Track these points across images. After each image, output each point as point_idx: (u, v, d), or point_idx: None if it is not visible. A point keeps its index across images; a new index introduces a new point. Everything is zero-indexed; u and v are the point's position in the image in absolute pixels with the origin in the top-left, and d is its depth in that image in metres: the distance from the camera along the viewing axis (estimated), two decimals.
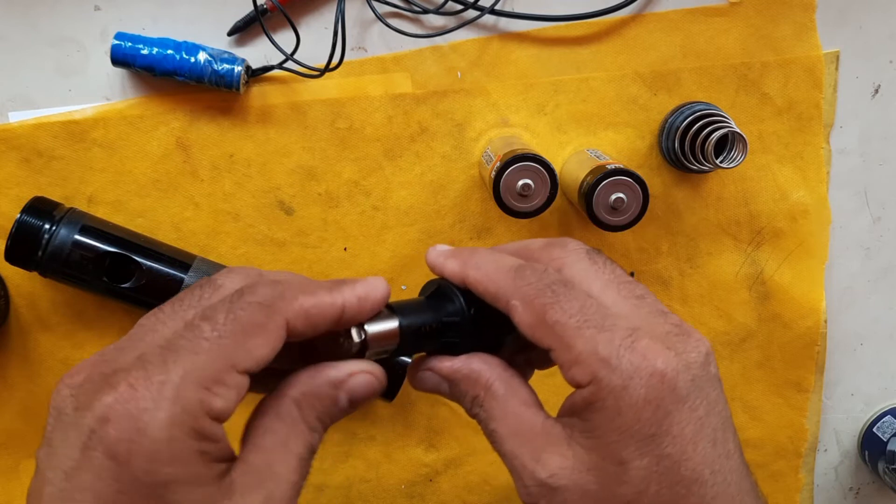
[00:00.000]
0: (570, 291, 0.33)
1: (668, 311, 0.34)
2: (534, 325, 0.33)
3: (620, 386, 0.31)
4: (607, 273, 0.35)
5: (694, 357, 0.32)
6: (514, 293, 0.34)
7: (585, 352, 0.32)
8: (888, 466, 0.64)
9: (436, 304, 0.36)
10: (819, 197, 0.61)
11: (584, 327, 0.32)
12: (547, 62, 0.59)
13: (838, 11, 0.59)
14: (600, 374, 0.31)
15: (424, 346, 0.36)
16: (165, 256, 0.55)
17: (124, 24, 0.57)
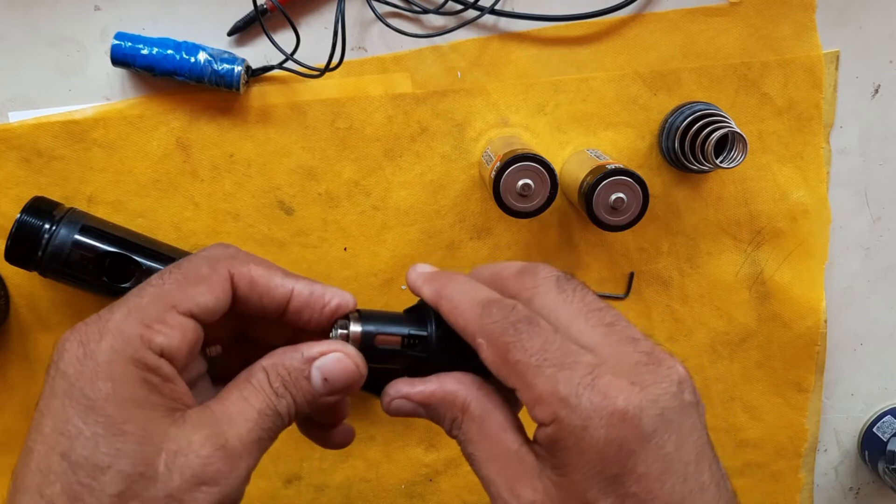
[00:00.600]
0: (533, 328, 0.33)
1: (639, 338, 0.33)
2: (498, 364, 0.33)
3: (580, 426, 0.30)
4: (576, 302, 0.34)
5: (664, 388, 0.31)
6: (479, 330, 0.34)
7: (546, 391, 0.31)
8: (888, 466, 0.64)
9: (410, 317, 0.37)
10: (819, 197, 0.61)
11: (545, 366, 0.32)
12: (547, 62, 0.59)
13: (838, 11, 0.59)
14: (560, 413, 0.31)
15: (390, 357, 0.36)
16: (165, 256, 0.55)
17: (124, 24, 0.57)
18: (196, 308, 0.33)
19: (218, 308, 0.34)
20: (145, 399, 0.31)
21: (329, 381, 0.34)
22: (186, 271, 0.34)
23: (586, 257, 0.62)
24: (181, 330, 0.32)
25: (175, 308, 0.32)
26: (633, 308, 0.62)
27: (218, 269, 0.34)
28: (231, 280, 0.34)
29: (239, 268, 0.34)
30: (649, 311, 0.62)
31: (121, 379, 0.31)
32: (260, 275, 0.35)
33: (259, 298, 0.35)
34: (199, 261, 0.34)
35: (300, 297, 0.35)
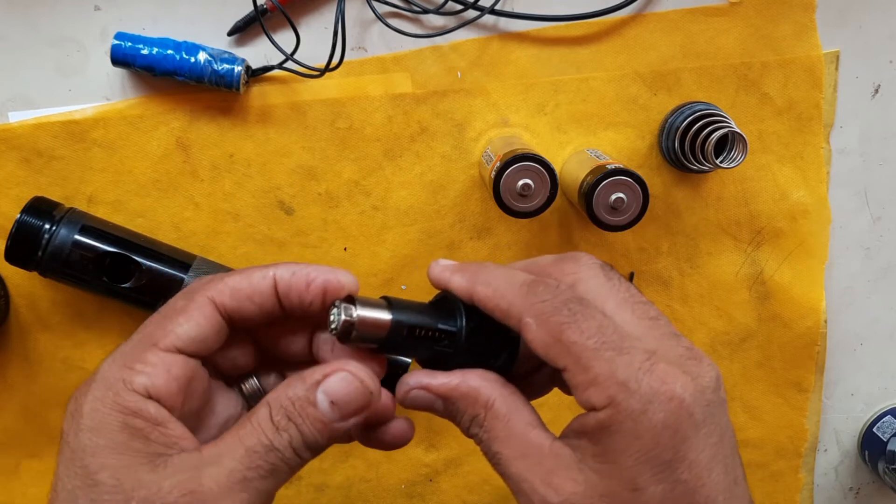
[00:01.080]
0: (587, 310, 0.32)
1: (680, 335, 0.34)
2: (549, 344, 0.32)
3: (639, 410, 0.30)
4: (622, 292, 0.34)
5: (707, 382, 0.32)
6: (527, 310, 0.33)
7: (603, 374, 0.31)
8: (888, 466, 0.64)
9: (436, 310, 0.35)
10: (819, 197, 0.61)
11: (603, 349, 0.31)
12: (547, 62, 0.59)
13: (838, 11, 0.59)
14: (619, 397, 0.31)
15: (415, 348, 0.35)
16: (165, 256, 0.55)
17: (124, 24, 0.57)
18: (178, 341, 0.32)
19: (202, 335, 0.33)
20: (125, 445, 0.31)
21: (337, 404, 0.32)
22: (165, 309, 0.33)
23: None
24: (164, 367, 0.32)
25: (156, 346, 0.32)
26: None
27: (194, 297, 0.33)
28: (213, 304, 0.33)
29: (215, 287, 0.33)
30: None
31: (100, 427, 0.31)
32: (236, 281, 0.34)
33: (249, 303, 0.34)
34: (176, 297, 0.34)
35: (283, 281, 0.34)
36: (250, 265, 0.59)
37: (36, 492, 0.62)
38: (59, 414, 0.61)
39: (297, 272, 0.34)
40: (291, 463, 0.32)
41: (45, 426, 0.61)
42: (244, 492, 0.30)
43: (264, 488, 0.31)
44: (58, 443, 0.64)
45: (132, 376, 0.31)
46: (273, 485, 0.31)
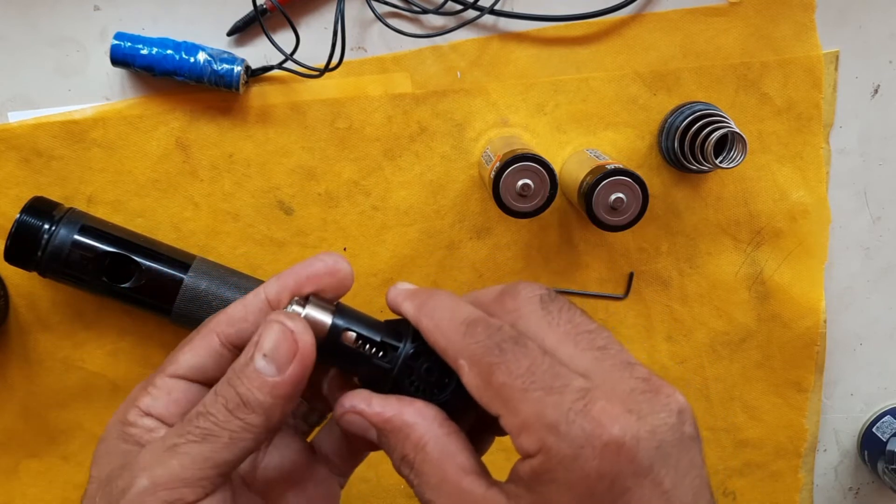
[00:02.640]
0: (520, 349, 0.30)
1: (634, 363, 0.30)
2: (480, 388, 0.30)
3: (570, 456, 0.27)
4: (563, 324, 0.31)
5: (662, 418, 0.28)
6: (461, 351, 0.31)
7: (532, 416, 0.28)
8: (888, 466, 0.64)
9: (388, 327, 0.34)
10: (819, 197, 0.61)
11: (531, 389, 0.28)
12: (547, 62, 0.59)
13: (838, 11, 0.59)
14: (548, 441, 0.28)
15: (353, 359, 0.33)
16: (165, 256, 0.55)
17: (124, 24, 0.57)
18: (180, 369, 0.34)
19: (199, 363, 0.34)
20: (116, 447, 0.33)
21: (269, 356, 0.31)
22: (182, 342, 0.35)
23: (586, 257, 0.61)
24: (166, 389, 0.34)
25: (163, 372, 0.34)
26: (633, 308, 0.62)
27: (201, 331, 0.35)
28: (214, 333, 0.34)
29: (218, 318, 0.35)
30: (649, 311, 0.62)
31: (106, 437, 0.34)
32: (234, 308, 0.34)
33: (246, 324, 0.34)
34: (193, 332, 0.36)
35: (272, 295, 0.34)
36: (250, 265, 0.60)
37: (35, 492, 0.62)
38: (58, 414, 0.61)
39: (281, 282, 0.34)
40: (230, 426, 0.31)
41: (44, 426, 0.61)
42: (173, 458, 0.31)
43: (197, 453, 0.31)
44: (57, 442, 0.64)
45: (142, 396, 0.34)
46: (210, 450, 0.31)
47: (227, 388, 0.32)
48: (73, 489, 0.62)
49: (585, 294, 0.62)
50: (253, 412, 0.31)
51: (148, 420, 0.33)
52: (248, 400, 0.31)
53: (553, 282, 0.62)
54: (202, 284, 0.55)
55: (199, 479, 0.31)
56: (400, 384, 0.33)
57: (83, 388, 0.60)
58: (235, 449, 0.31)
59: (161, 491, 0.30)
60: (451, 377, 0.33)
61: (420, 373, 0.33)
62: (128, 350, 0.60)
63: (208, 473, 0.31)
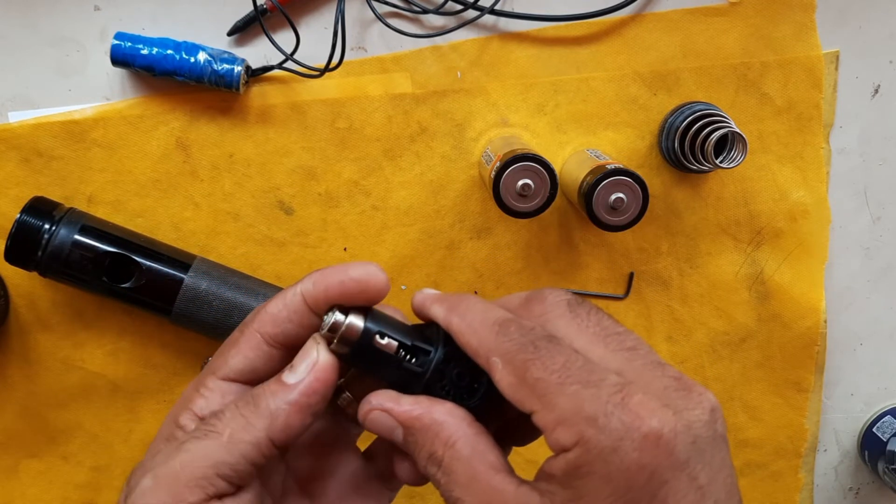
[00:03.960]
0: (555, 346, 0.30)
1: (665, 363, 0.30)
2: (515, 385, 0.30)
3: (609, 448, 0.27)
4: (592, 325, 0.31)
5: (696, 415, 0.28)
6: (494, 349, 0.31)
7: (569, 410, 0.28)
8: (888, 466, 0.64)
9: (416, 329, 0.34)
10: (819, 197, 0.61)
11: (568, 383, 0.29)
12: (547, 62, 0.59)
13: (838, 11, 0.59)
14: (587, 434, 0.28)
15: (385, 363, 0.33)
16: (165, 256, 0.55)
17: (124, 24, 0.57)
18: (230, 371, 0.34)
19: (250, 365, 0.34)
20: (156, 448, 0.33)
21: (294, 367, 0.32)
22: (227, 340, 0.35)
23: (586, 257, 0.62)
24: (220, 392, 0.34)
25: (215, 374, 0.34)
26: (633, 308, 0.62)
27: (245, 331, 0.34)
28: (259, 334, 0.34)
29: (260, 319, 0.34)
30: (649, 311, 0.62)
31: (157, 436, 0.34)
32: (274, 306, 0.34)
33: (289, 324, 0.34)
34: (235, 330, 0.35)
35: (308, 293, 0.33)
36: (250, 265, 0.60)
37: (35, 492, 0.62)
38: (58, 414, 0.61)
39: (316, 281, 0.33)
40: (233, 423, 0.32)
41: (44, 426, 0.61)
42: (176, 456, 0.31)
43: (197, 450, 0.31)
44: (57, 442, 0.64)
45: (196, 398, 0.34)
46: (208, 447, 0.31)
47: (250, 391, 0.33)
48: (73, 489, 0.62)
49: (585, 294, 0.62)
50: (258, 413, 0.31)
51: (192, 420, 0.34)
52: (259, 401, 0.32)
53: (553, 282, 0.62)
54: (202, 284, 0.55)
55: (198, 479, 0.30)
56: (431, 388, 0.33)
57: (83, 388, 0.60)
58: (233, 450, 0.31)
59: (161, 491, 0.30)
60: (481, 383, 0.33)
61: (451, 377, 0.33)
62: (128, 350, 0.60)
63: (206, 473, 0.30)
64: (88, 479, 0.62)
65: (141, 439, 0.62)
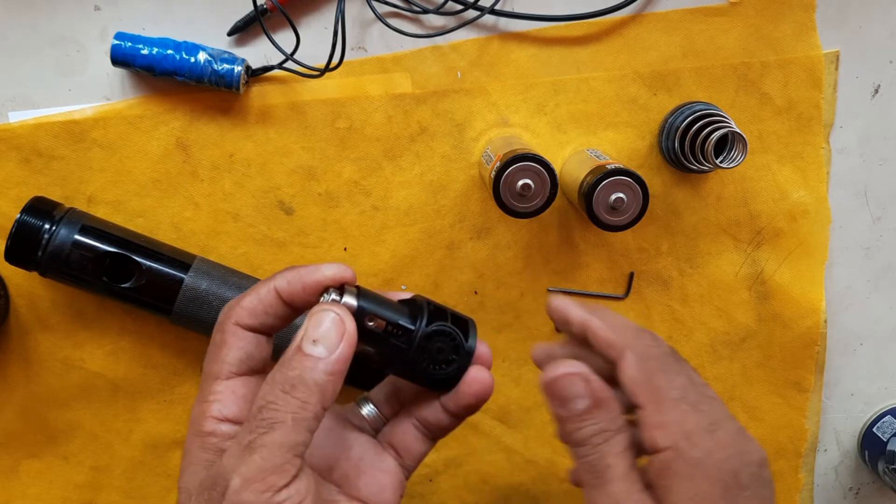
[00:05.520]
0: (680, 366, 0.39)
1: (732, 416, 0.39)
2: (638, 381, 0.38)
3: (697, 459, 0.36)
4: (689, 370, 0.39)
5: (754, 458, 0.37)
6: (632, 346, 0.38)
7: (674, 422, 0.36)
8: (888, 466, 0.64)
9: (403, 308, 0.38)
10: (819, 197, 0.61)
11: (682, 401, 0.37)
12: (547, 62, 0.59)
13: (838, 11, 0.59)
14: (681, 444, 0.36)
15: (374, 338, 0.37)
16: (165, 256, 0.55)
17: (124, 23, 0.57)
18: (231, 367, 0.37)
19: (246, 354, 0.37)
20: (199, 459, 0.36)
21: (320, 340, 0.35)
22: (211, 348, 0.38)
23: (586, 257, 0.62)
24: (230, 391, 0.37)
25: (218, 378, 0.37)
26: (633, 308, 0.62)
27: (224, 328, 0.38)
28: (240, 326, 0.37)
29: (236, 313, 0.38)
30: (649, 311, 0.62)
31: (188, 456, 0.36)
32: (249, 301, 0.38)
33: (266, 316, 0.38)
34: (213, 334, 0.38)
35: (283, 290, 0.37)
36: (250, 265, 0.60)
37: (35, 492, 0.62)
38: (58, 414, 0.61)
39: (291, 280, 0.37)
40: (290, 407, 0.34)
41: (44, 426, 0.61)
42: (253, 454, 0.33)
43: (271, 441, 0.33)
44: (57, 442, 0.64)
45: (207, 407, 0.37)
46: (280, 435, 0.33)
47: (280, 374, 0.34)
48: (73, 489, 0.62)
49: (585, 294, 0.62)
50: (309, 390, 0.34)
51: (224, 426, 0.36)
52: (305, 380, 0.34)
53: (553, 282, 0.62)
54: (202, 284, 0.55)
55: (282, 465, 0.33)
56: (414, 360, 0.38)
57: (83, 388, 0.61)
58: (301, 428, 0.34)
59: (254, 484, 0.33)
60: (458, 356, 0.38)
61: (432, 352, 0.38)
62: (128, 350, 0.60)
63: (287, 457, 0.33)
64: (88, 479, 0.62)
65: (141, 439, 0.62)
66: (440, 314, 0.39)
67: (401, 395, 0.42)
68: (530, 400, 0.64)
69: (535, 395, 0.64)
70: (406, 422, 0.41)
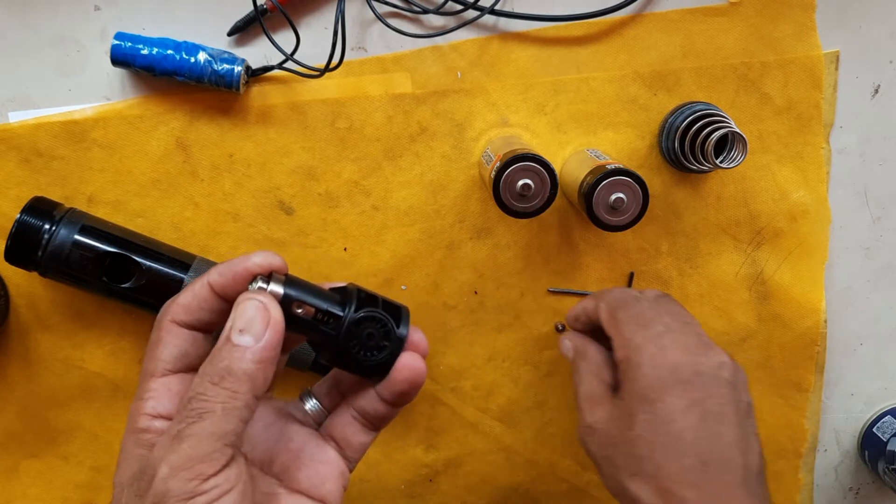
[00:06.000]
0: (636, 303, 0.51)
1: (703, 334, 0.50)
2: (606, 319, 0.52)
3: (638, 363, 0.47)
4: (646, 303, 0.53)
5: (704, 360, 0.47)
6: (604, 299, 0.53)
7: (626, 339, 0.49)
8: (888, 466, 0.64)
9: (333, 295, 0.38)
10: (819, 197, 0.61)
11: (632, 324, 0.50)
12: (547, 62, 0.59)
13: (838, 11, 0.59)
14: (630, 355, 0.48)
15: (303, 325, 0.37)
16: (165, 256, 0.55)
17: (124, 24, 0.57)
18: (165, 365, 0.37)
19: (181, 351, 0.37)
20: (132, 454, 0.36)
21: (246, 329, 0.34)
22: (149, 345, 0.38)
23: (586, 257, 0.62)
24: (165, 388, 0.37)
25: (153, 375, 0.37)
26: None
27: (161, 325, 0.38)
28: (175, 323, 0.37)
29: (172, 310, 0.38)
30: None
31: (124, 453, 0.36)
32: (184, 297, 0.38)
33: (201, 311, 0.38)
34: (152, 330, 0.38)
35: (216, 283, 0.37)
36: None
37: (35, 492, 0.62)
38: (58, 414, 0.61)
39: (222, 272, 0.37)
40: (219, 398, 0.34)
41: (44, 426, 0.61)
42: (182, 443, 0.33)
43: (200, 430, 0.33)
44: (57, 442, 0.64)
45: (142, 404, 0.36)
46: (210, 425, 0.33)
47: (210, 366, 0.34)
48: (73, 489, 0.62)
49: (586, 294, 0.62)
50: (238, 380, 0.34)
51: (158, 422, 0.36)
52: (232, 369, 0.34)
53: (553, 282, 0.62)
54: None
55: (210, 454, 0.33)
56: (343, 346, 0.37)
57: (83, 388, 0.61)
58: (231, 418, 0.34)
59: (181, 472, 0.33)
60: (389, 343, 0.38)
61: (361, 338, 0.38)
62: (128, 350, 0.60)
63: (216, 446, 0.33)
64: (88, 479, 0.62)
65: None
66: (371, 301, 0.38)
67: (341, 386, 0.42)
68: (530, 400, 0.64)
69: (535, 395, 0.64)
70: (346, 413, 0.41)
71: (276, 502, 0.39)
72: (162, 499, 0.32)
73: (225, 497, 0.33)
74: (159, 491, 0.33)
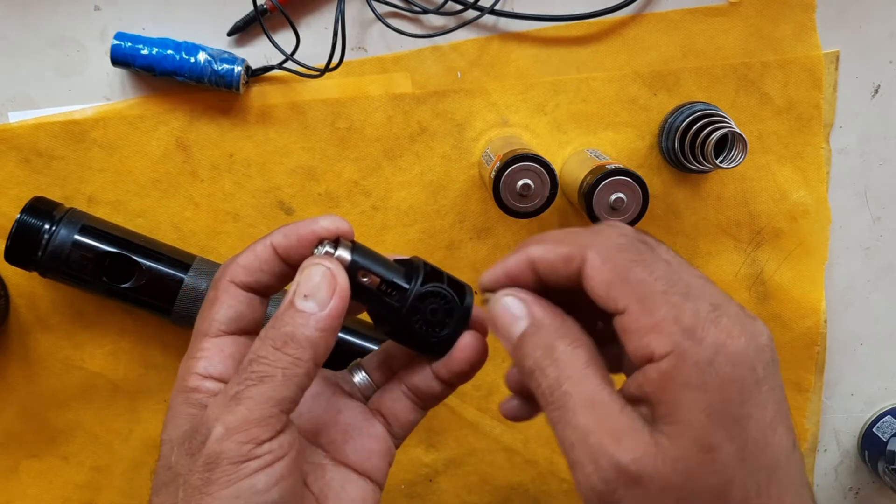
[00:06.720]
0: (656, 252, 0.31)
1: (728, 295, 0.32)
2: (612, 281, 0.30)
3: (706, 361, 0.28)
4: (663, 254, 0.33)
5: (765, 341, 0.30)
6: (591, 246, 0.31)
7: (669, 319, 0.29)
8: (888, 466, 0.64)
9: (400, 267, 0.37)
10: (819, 197, 0.61)
11: (671, 292, 0.30)
12: (547, 62, 0.59)
13: (838, 11, 0.59)
14: (684, 345, 0.29)
15: (366, 295, 0.36)
16: (165, 256, 0.55)
17: (124, 24, 0.57)
18: (221, 325, 0.36)
19: (236, 313, 0.36)
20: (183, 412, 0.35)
21: (311, 295, 0.33)
22: (204, 304, 0.37)
23: None
24: (217, 349, 0.36)
25: (206, 335, 0.36)
26: None
27: (218, 286, 0.37)
28: (234, 284, 0.36)
29: (231, 271, 0.36)
30: None
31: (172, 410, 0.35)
32: (245, 258, 0.36)
33: (262, 273, 0.36)
34: (209, 290, 0.37)
35: (280, 245, 0.36)
36: None
37: (35, 492, 0.62)
38: (58, 414, 0.61)
39: (287, 233, 0.36)
40: (281, 363, 0.33)
41: (44, 426, 0.61)
42: (239, 404, 0.32)
43: (258, 394, 0.33)
44: (57, 442, 0.64)
45: (194, 363, 0.35)
46: (269, 389, 0.33)
47: (273, 331, 0.33)
48: (74, 489, 0.62)
49: None
50: (301, 346, 0.33)
51: (209, 382, 0.35)
52: (296, 336, 0.33)
53: None
54: (202, 284, 0.55)
55: (267, 418, 0.32)
56: (406, 320, 0.36)
57: (83, 388, 0.61)
58: (290, 384, 0.33)
59: (235, 434, 0.32)
60: (452, 320, 0.37)
61: (425, 313, 0.36)
62: (128, 350, 0.60)
63: (273, 412, 0.33)
64: (88, 479, 0.62)
65: (141, 439, 0.62)
66: (436, 275, 0.37)
67: (393, 362, 0.41)
68: None
69: None
70: (396, 389, 0.40)
71: (322, 473, 0.38)
72: (215, 459, 0.32)
73: (277, 464, 0.32)
74: (213, 451, 0.32)
